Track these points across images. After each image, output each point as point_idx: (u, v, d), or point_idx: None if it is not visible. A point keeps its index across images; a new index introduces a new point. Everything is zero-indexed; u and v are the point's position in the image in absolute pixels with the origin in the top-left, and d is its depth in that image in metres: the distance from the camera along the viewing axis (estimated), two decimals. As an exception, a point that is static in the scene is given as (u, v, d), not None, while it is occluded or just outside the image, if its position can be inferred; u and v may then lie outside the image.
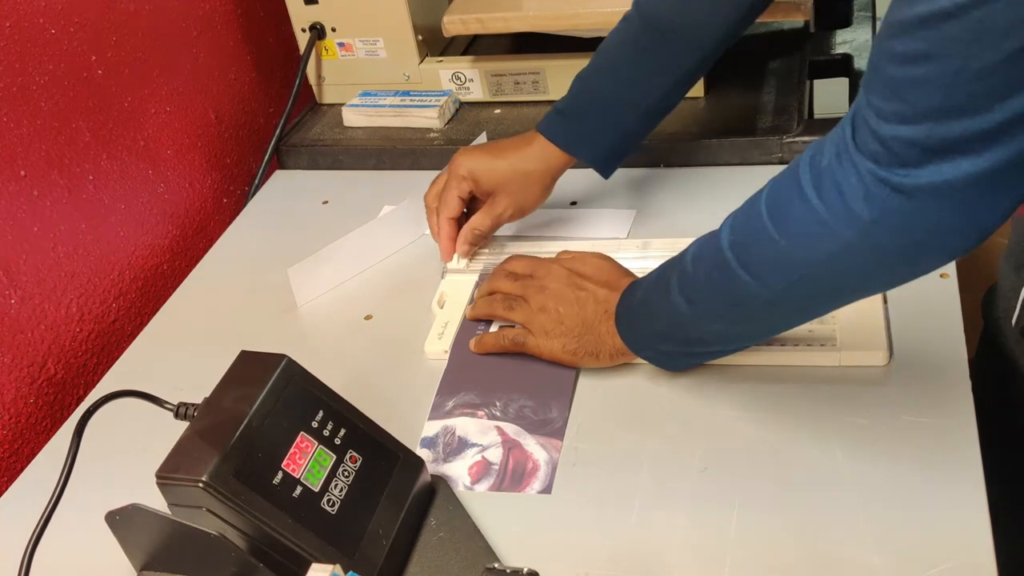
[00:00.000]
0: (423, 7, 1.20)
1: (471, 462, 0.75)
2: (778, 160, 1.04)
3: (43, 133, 0.93)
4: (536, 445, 0.75)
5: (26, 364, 0.91)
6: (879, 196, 0.55)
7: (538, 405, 0.78)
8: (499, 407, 0.79)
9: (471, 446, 0.76)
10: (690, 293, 0.70)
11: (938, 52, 0.50)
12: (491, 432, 0.77)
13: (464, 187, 0.92)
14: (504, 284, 0.85)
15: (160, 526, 0.61)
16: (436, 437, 0.77)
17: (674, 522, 0.68)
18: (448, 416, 0.79)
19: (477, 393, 0.81)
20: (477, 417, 0.79)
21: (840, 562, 0.64)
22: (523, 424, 0.77)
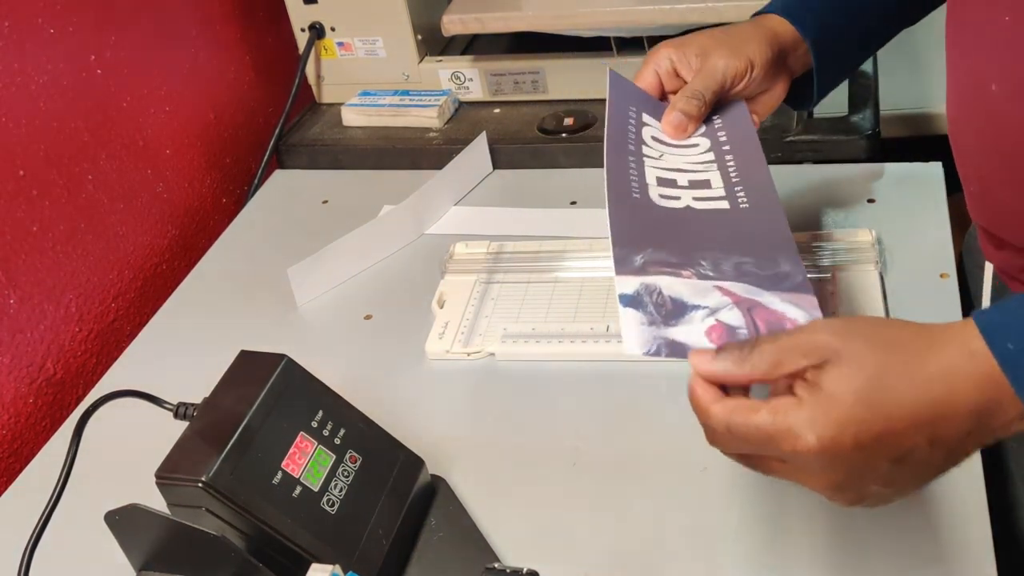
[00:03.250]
0: (422, 7, 1.20)
1: (704, 326, 0.55)
2: (777, 160, 1.04)
3: (43, 133, 0.93)
4: (784, 303, 0.56)
5: (25, 364, 0.91)
6: None
7: (760, 260, 0.59)
8: (707, 266, 0.59)
9: (694, 308, 0.56)
10: None
11: None
12: (713, 293, 0.57)
13: (662, 58, 0.75)
14: None
15: (160, 526, 0.61)
16: (639, 295, 0.57)
17: (674, 522, 0.68)
18: (642, 273, 0.58)
19: (670, 251, 0.60)
20: (684, 277, 0.58)
21: (840, 562, 0.64)
22: (752, 281, 0.57)
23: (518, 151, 1.12)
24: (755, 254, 0.59)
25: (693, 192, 0.67)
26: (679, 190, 0.67)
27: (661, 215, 0.64)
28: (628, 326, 0.56)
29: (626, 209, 0.64)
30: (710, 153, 0.72)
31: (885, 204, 0.95)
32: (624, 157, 0.68)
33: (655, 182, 0.67)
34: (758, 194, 0.66)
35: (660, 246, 0.60)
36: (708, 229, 0.63)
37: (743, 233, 0.62)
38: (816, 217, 0.94)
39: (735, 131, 0.73)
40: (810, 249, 0.88)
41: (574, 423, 0.77)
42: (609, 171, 0.66)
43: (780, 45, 0.75)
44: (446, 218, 1.05)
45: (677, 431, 0.75)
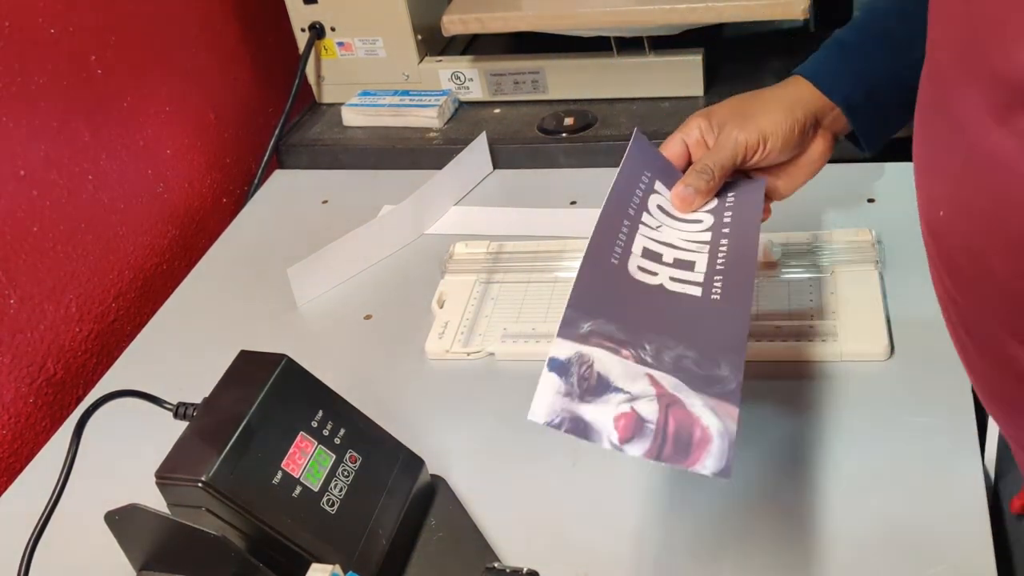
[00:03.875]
0: (423, 7, 1.20)
1: (617, 411, 0.56)
2: (778, 160, 1.03)
3: (43, 133, 0.93)
4: (704, 408, 0.56)
5: (26, 364, 0.91)
6: None
7: (702, 357, 0.59)
8: (650, 351, 0.59)
9: (615, 390, 0.57)
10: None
11: None
12: (641, 380, 0.57)
13: (692, 128, 0.74)
14: None
15: (160, 526, 0.61)
16: (569, 364, 0.58)
17: (674, 522, 0.68)
18: (583, 341, 0.59)
19: (619, 326, 0.60)
20: (622, 356, 0.59)
21: (840, 561, 0.64)
22: (684, 378, 0.57)
23: (518, 151, 1.12)
24: (701, 350, 0.60)
25: (673, 271, 0.67)
26: (660, 266, 0.67)
27: (630, 288, 0.64)
28: (542, 392, 0.56)
29: (598, 273, 0.64)
30: (708, 233, 0.70)
31: (885, 204, 0.95)
32: (619, 220, 0.69)
33: (640, 251, 0.67)
34: (734, 290, 0.65)
35: (612, 319, 0.61)
36: (669, 313, 0.63)
37: (702, 325, 0.62)
38: (816, 217, 0.94)
39: (741, 214, 0.71)
40: (810, 249, 0.88)
41: (574, 423, 0.77)
42: (597, 230, 0.67)
43: (808, 111, 0.73)
44: (446, 218, 1.05)
45: (677, 431, 0.75)
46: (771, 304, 0.84)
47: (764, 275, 0.87)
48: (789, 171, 0.75)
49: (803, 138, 0.73)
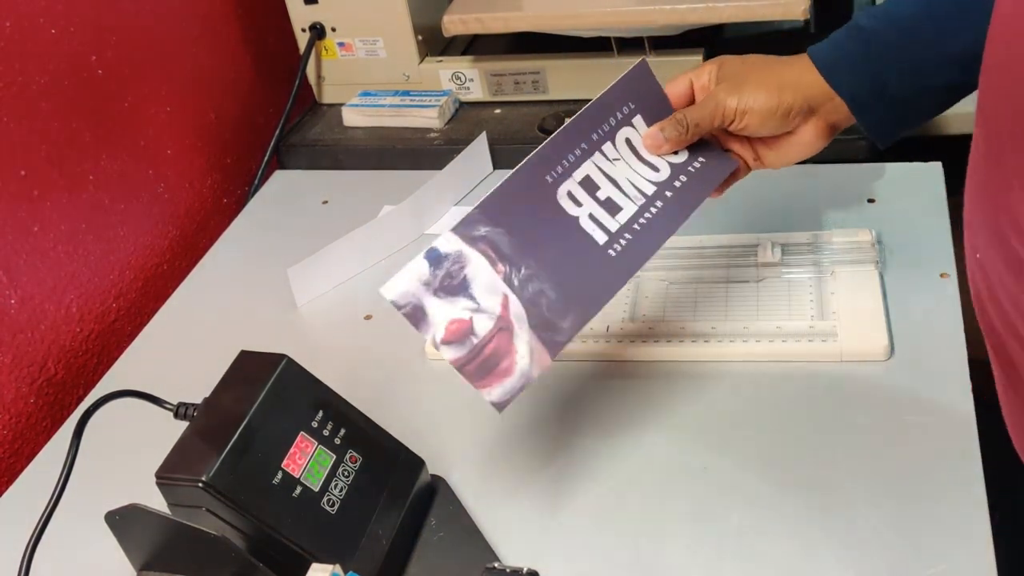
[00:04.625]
0: (423, 7, 1.20)
1: (456, 315, 0.63)
2: (778, 160, 1.03)
3: (43, 133, 0.93)
4: (525, 344, 0.63)
5: (26, 364, 0.91)
6: None
7: (558, 302, 0.65)
8: (521, 275, 0.65)
9: (468, 296, 0.64)
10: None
11: None
12: (496, 296, 0.64)
13: (703, 72, 0.74)
14: None
15: (160, 526, 0.61)
16: (446, 258, 0.64)
17: (674, 522, 0.68)
18: (472, 243, 0.65)
19: (512, 241, 0.66)
20: (495, 270, 0.65)
21: (840, 561, 0.64)
22: (530, 312, 0.64)
23: (518, 151, 1.12)
24: (562, 295, 0.64)
25: (596, 209, 0.69)
26: (589, 199, 0.69)
27: (546, 210, 0.68)
28: (405, 273, 0.63)
29: (526, 185, 0.68)
30: (653, 187, 0.72)
31: (885, 204, 0.95)
32: (578, 141, 0.70)
33: (579, 178, 0.70)
34: (631, 255, 0.69)
35: (510, 232, 0.65)
36: (563, 248, 0.67)
37: (579, 273, 0.66)
38: (816, 217, 0.94)
39: (693, 186, 0.72)
40: (810, 249, 0.88)
41: (574, 423, 0.77)
42: (550, 144, 0.69)
43: (802, 97, 0.71)
44: (446, 218, 1.05)
45: (677, 431, 0.75)
46: (771, 304, 0.84)
47: (764, 275, 0.87)
48: (778, 146, 0.74)
49: (787, 121, 0.72)
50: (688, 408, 0.77)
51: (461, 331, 0.63)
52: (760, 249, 0.88)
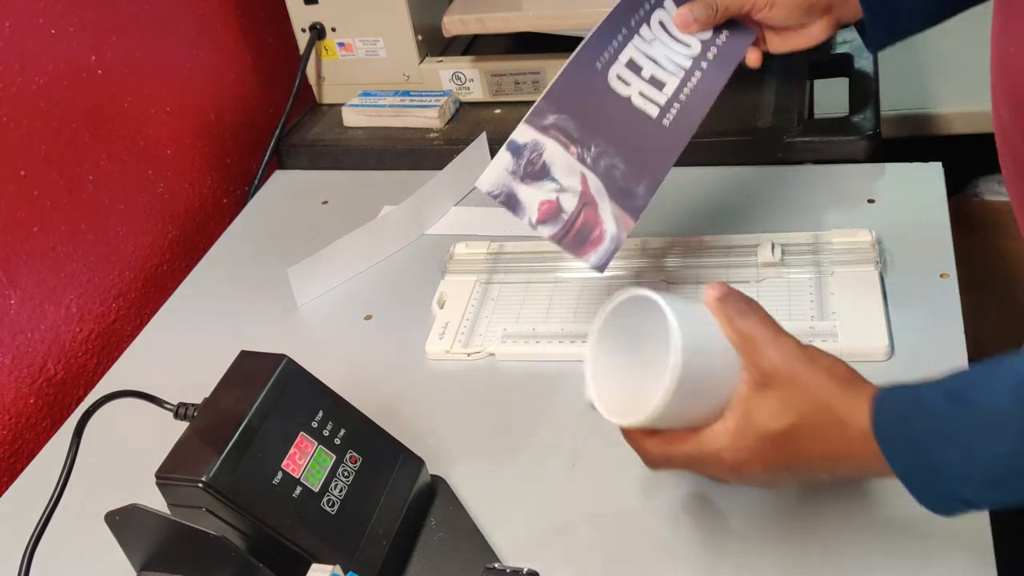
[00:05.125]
0: (423, 7, 1.20)
1: (545, 197, 0.72)
2: (778, 160, 1.04)
3: (43, 133, 0.93)
4: (610, 214, 0.72)
5: (26, 364, 0.91)
6: None
7: (630, 172, 0.73)
8: (592, 153, 0.73)
9: (551, 179, 0.72)
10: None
11: None
12: (575, 176, 0.72)
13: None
14: None
15: (160, 526, 0.61)
16: (524, 148, 0.72)
17: (674, 522, 0.68)
18: (544, 131, 0.73)
19: (578, 125, 0.74)
20: (568, 152, 0.73)
21: (840, 561, 0.64)
22: (607, 184, 0.72)
23: (518, 151, 1.12)
24: (632, 166, 0.72)
25: (644, 87, 0.77)
26: (636, 79, 0.77)
27: (602, 93, 0.75)
28: (495, 165, 0.72)
29: (580, 73, 0.75)
30: (690, 60, 0.79)
31: (885, 204, 0.95)
32: (619, 28, 0.78)
33: (625, 61, 0.77)
34: (684, 120, 0.77)
35: (575, 117, 0.73)
36: (623, 125, 0.75)
37: (642, 144, 0.74)
38: (816, 217, 0.94)
39: (725, 54, 0.80)
40: (810, 249, 0.88)
41: (574, 423, 0.77)
42: (596, 33, 0.76)
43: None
44: (446, 218, 1.05)
45: (677, 431, 0.75)
46: (771, 304, 0.83)
47: (764, 275, 0.87)
48: (787, 35, 0.81)
49: (808, 14, 0.78)
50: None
51: (551, 210, 0.71)
52: (760, 249, 0.88)
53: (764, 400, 0.56)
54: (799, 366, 0.56)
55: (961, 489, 0.51)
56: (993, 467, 0.49)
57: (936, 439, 0.51)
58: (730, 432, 0.57)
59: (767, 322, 0.58)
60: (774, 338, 0.57)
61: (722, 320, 0.58)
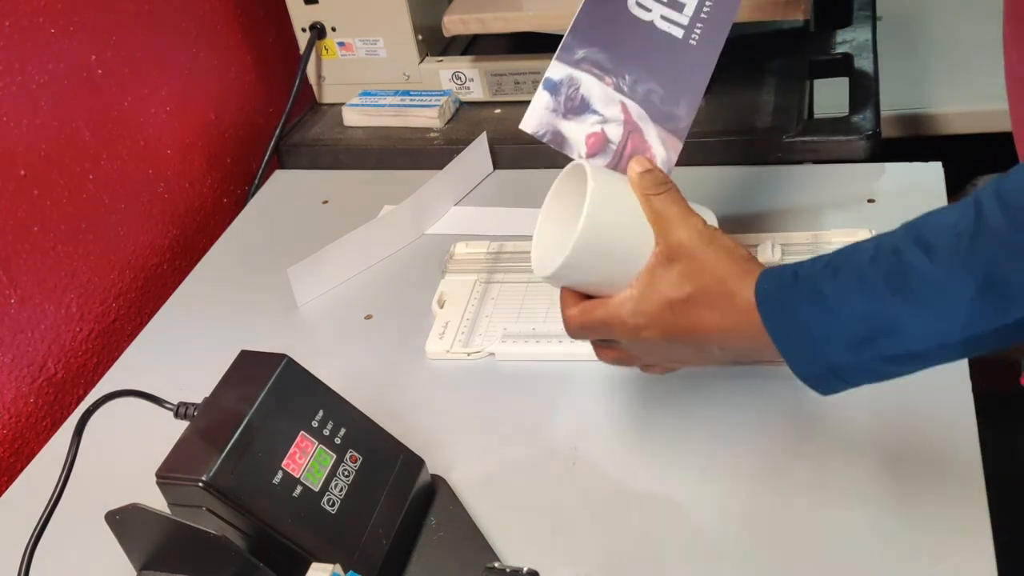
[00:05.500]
0: (423, 7, 1.20)
1: (590, 130, 0.72)
2: (777, 160, 1.04)
3: (43, 133, 0.93)
4: (656, 138, 0.71)
5: (26, 364, 0.91)
6: None
7: (667, 94, 0.73)
8: (627, 81, 0.73)
9: (592, 112, 0.72)
10: None
11: None
12: (615, 105, 0.72)
13: None
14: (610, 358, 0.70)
15: (160, 526, 0.61)
16: (560, 84, 0.72)
17: (674, 522, 0.68)
18: (576, 66, 0.73)
19: (609, 56, 0.73)
20: (604, 83, 0.73)
21: (840, 561, 0.64)
22: (648, 109, 0.72)
23: (518, 151, 1.12)
24: (668, 88, 0.71)
25: (664, 10, 0.75)
26: (655, 4, 0.75)
27: (625, 22, 0.74)
28: (535, 106, 0.72)
29: (601, 5, 0.74)
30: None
31: (885, 204, 0.95)
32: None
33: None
34: (710, 36, 0.74)
35: (605, 48, 0.72)
36: (652, 49, 0.73)
37: (675, 65, 0.73)
38: (816, 217, 0.94)
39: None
40: (810, 249, 0.88)
41: (574, 423, 0.77)
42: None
43: None
44: (446, 218, 1.05)
45: (677, 431, 0.75)
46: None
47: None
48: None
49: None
50: (688, 408, 0.77)
51: (599, 142, 0.71)
52: (760, 249, 0.88)
53: (668, 271, 0.62)
54: (702, 243, 0.62)
55: (826, 349, 0.55)
56: (853, 326, 0.54)
57: (806, 301, 0.56)
58: (634, 298, 0.63)
59: (678, 201, 0.64)
60: (683, 216, 0.63)
61: (640, 196, 0.64)
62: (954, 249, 0.50)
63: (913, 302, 0.52)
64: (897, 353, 0.54)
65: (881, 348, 0.54)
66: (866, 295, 0.53)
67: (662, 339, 0.63)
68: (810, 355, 0.56)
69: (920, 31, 0.82)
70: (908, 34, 0.90)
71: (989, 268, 0.49)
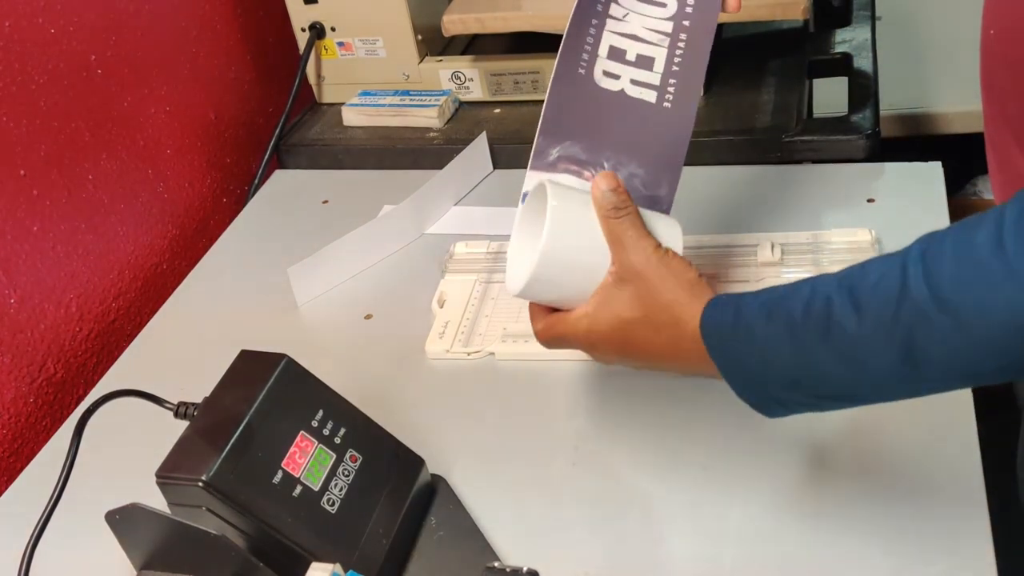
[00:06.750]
0: (423, 7, 1.20)
1: None
2: (777, 159, 1.04)
3: (43, 133, 0.93)
4: None
5: (26, 364, 0.91)
6: None
7: (648, 177, 0.71)
8: (606, 170, 0.70)
9: None
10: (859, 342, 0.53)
11: None
12: None
13: None
14: None
15: (160, 526, 0.61)
16: None
17: (674, 522, 0.68)
18: (551, 169, 0.72)
19: (583, 146, 0.72)
20: (583, 179, 0.71)
21: (840, 561, 0.64)
22: (632, 197, 0.68)
23: (518, 151, 1.12)
24: (649, 167, 0.71)
25: (633, 72, 0.73)
26: (623, 66, 0.73)
27: (594, 99, 0.72)
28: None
29: (565, 89, 0.72)
30: (670, 23, 0.73)
31: (885, 204, 0.95)
32: (588, 20, 0.73)
33: (606, 52, 0.73)
34: (683, 95, 0.72)
35: (577, 139, 0.71)
36: (627, 124, 0.72)
37: (652, 138, 0.72)
38: (816, 217, 0.94)
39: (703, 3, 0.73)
40: (810, 249, 0.88)
41: (574, 423, 0.77)
42: (568, 35, 0.73)
43: None
44: (446, 218, 1.05)
45: (677, 431, 0.75)
46: (771, 304, 0.83)
47: (764, 275, 0.87)
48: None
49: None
50: (688, 407, 0.77)
51: None
52: (760, 249, 0.88)
53: (621, 292, 0.64)
54: (652, 268, 0.64)
55: (770, 389, 0.58)
56: (788, 370, 0.56)
57: (742, 341, 0.58)
58: (589, 315, 0.66)
59: (635, 224, 0.65)
60: (637, 239, 0.65)
61: (600, 217, 0.65)
62: (879, 315, 0.52)
63: (840, 358, 0.53)
64: (828, 393, 0.56)
65: (813, 390, 0.56)
66: (796, 346, 0.55)
67: (616, 353, 0.67)
68: (752, 389, 0.59)
69: (920, 31, 0.82)
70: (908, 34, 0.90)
71: (909, 343, 0.51)
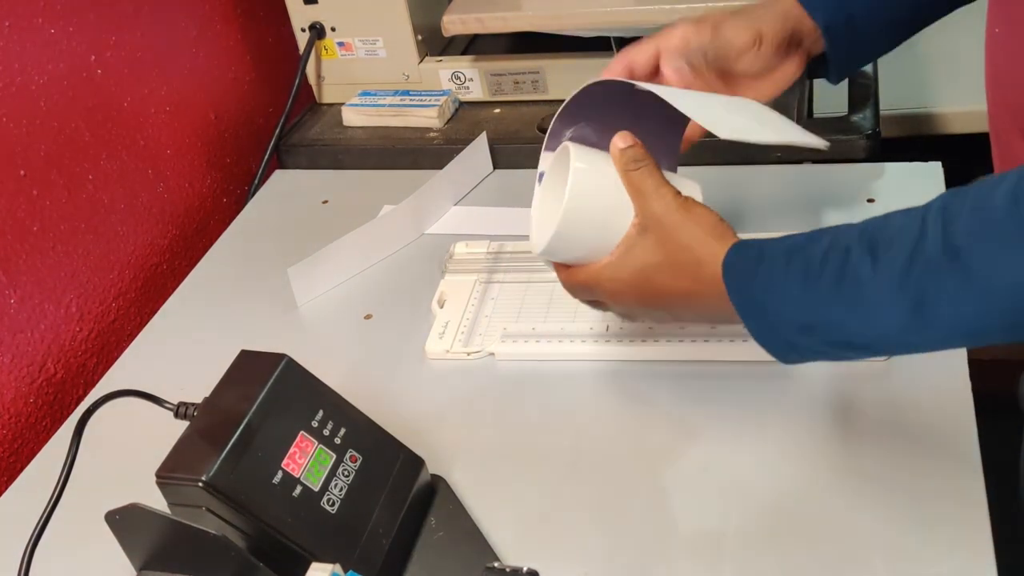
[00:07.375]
0: (423, 7, 1.20)
1: None
2: (777, 159, 1.04)
3: (43, 133, 0.93)
4: None
5: (26, 364, 0.91)
6: None
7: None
8: None
9: None
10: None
11: None
12: None
13: (673, 36, 0.78)
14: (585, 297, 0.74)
15: (160, 526, 0.61)
16: None
17: (674, 522, 0.68)
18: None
19: (595, 128, 0.74)
20: None
21: (840, 561, 0.64)
22: None
23: (518, 151, 1.12)
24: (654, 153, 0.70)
25: None
26: None
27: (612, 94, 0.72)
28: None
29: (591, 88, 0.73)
30: None
31: (885, 204, 0.95)
32: None
33: None
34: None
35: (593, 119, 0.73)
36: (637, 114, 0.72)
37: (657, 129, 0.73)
38: (816, 217, 0.94)
39: None
40: (810, 249, 0.88)
41: (574, 423, 0.77)
42: None
43: (793, 26, 0.77)
44: (446, 218, 1.05)
45: (677, 431, 0.75)
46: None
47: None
48: (761, 85, 0.80)
49: (788, 50, 0.78)
50: (688, 408, 0.77)
51: None
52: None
53: (643, 240, 0.66)
54: (673, 214, 0.65)
55: (785, 332, 0.59)
56: (802, 315, 0.58)
57: (761, 284, 0.60)
58: (613, 265, 0.68)
59: (653, 174, 0.67)
60: (656, 187, 0.66)
61: (619, 170, 0.67)
62: (893, 265, 0.53)
63: (853, 305, 0.55)
64: (840, 340, 0.58)
65: (826, 335, 0.58)
66: (811, 290, 0.57)
67: (637, 301, 0.68)
68: (768, 331, 0.60)
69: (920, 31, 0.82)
70: (908, 34, 0.90)
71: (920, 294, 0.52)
